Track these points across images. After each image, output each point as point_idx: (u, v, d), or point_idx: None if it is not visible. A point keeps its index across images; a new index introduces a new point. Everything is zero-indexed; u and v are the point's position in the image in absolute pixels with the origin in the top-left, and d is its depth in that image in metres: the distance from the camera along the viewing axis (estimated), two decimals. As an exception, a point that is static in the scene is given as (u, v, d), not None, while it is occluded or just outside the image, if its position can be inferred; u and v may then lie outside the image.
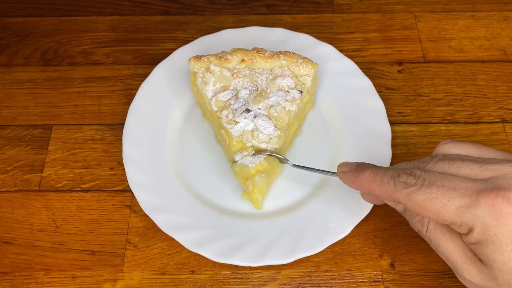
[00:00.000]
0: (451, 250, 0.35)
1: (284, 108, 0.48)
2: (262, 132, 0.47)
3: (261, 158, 0.46)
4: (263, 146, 0.47)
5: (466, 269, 0.34)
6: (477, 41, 0.61)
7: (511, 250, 0.31)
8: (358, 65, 0.55)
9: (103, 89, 0.57)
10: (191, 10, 0.64)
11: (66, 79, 0.58)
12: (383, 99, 0.53)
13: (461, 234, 0.34)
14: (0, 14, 0.64)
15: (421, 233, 0.37)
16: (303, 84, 0.50)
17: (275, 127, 0.47)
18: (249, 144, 0.47)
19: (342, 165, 0.41)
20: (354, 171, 0.39)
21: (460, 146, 0.37)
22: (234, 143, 0.47)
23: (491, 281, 0.33)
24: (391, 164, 0.49)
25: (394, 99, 0.56)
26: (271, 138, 0.47)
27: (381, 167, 0.38)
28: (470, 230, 0.32)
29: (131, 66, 0.59)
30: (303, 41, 0.57)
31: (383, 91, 0.57)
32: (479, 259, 0.34)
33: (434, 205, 0.33)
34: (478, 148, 0.37)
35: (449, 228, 0.35)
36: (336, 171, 0.42)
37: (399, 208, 0.39)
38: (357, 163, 0.40)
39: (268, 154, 0.47)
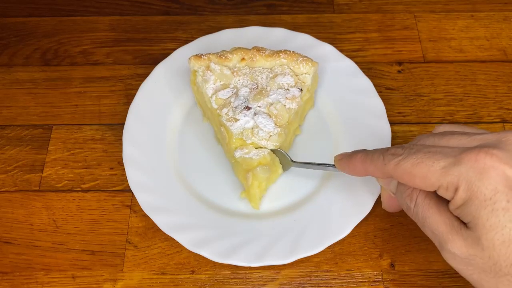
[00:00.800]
0: (437, 222, 0.35)
1: (284, 105, 0.48)
2: (262, 130, 0.47)
3: (264, 152, 0.46)
4: (263, 143, 0.47)
5: (451, 240, 0.34)
6: (477, 41, 0.61)
7: (494, 203, 0.31)
8: (358, 65, 0.55)
9: (103, 89, 0.57)
10: (191, 10, 0.64)
11: (66, 79, 0.58)
12: (383, 99, 0.53)
13: (449, 201, 0.34)
14: (0, 14, 0.64)
15: (409, 209, 0.37)
16: (303, 82, 0.50)
17: (275, 124, 0.47)
18: (249, 141, 0.47)
19: (338, 155, 0.43)
20: (347, 156, 0.41)
21: (454, 126, 0.39)
22: (234, 140, 0.47)
23: (475, 246, 0.33)
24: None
25: (394, 99, 0.56)
26: (271, 135, 0.47)
27: (373, 149, 0.40)
28: (456, 190, 0.33)
29: (131, 66, 0.59)
30: (303, 41, 0.57)
31: (383, 91, 0.57)
32: (465, 226, 0.34)
33: (420, 169, 0.33)
34: (472, 128, 0.38)
35: (436, 200, 0.36)
36: (333, 165, 0.44)
37: (391, 187, 0.40)
38: (352, 151, 0.42)
39: (272, 150, 0.47)
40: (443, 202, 0.35)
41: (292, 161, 0.48)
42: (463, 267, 0.34)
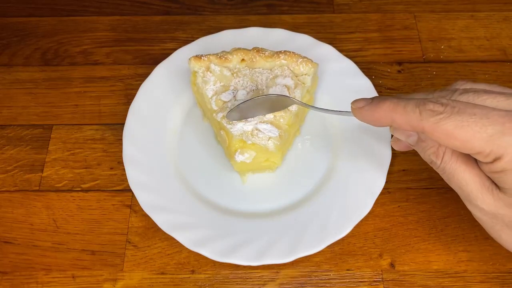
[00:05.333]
0: (466, 180, 0.34)
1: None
2: (261, 131, 0.47)
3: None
4: (263, 143, 0.46)
5: (480, 198, 0.34)
6: (477, 41, 0.61)
7: None
8: (358, 65, 0.55)
9: (103, 89, 0.57)
10: (191, 10, 0.64)
11: (66, 79, 0.58)
12: (383, 99, 0.53)
13: (482, 163, 0.33)
14: (1, 14, 0.64)
15: (434, 164, 0.36)
16: (303, 83, 0.50)
17: (275, 127, 0.47)
18: (249, 142, 0.47)
19: (356, 101, 0.38)
20: (371, 104, 0.37)
21: (476, 84, 0.37)
22: (234, 141, 0.47)
23: (506, 208, 0.33)
24: (391, 164, 0.49)
25: (394, 99, 0.56)
26: (270, 137, 0.47)
27: (399, 97, 0.36)
28: (497, 159, 0.32)
29: (131, 66, 0.59)
30: (303, 42, 0.57)
31: (383, 91, 0.57)
32: (496, 187, 0.33)
33: (464, 133, 0.32)
34: (496, 87, 0.36)
35: (465, 157, 0.35)
36: (350, 112, 0.39)
37: (411, 140, 0.38)
38: (372, 98, 0.38)
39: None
40: (472, 159, 0.34)
41: (300, 102, 0.46)
42: (487, 219, 0.35)
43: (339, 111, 0.42)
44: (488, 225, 0.35)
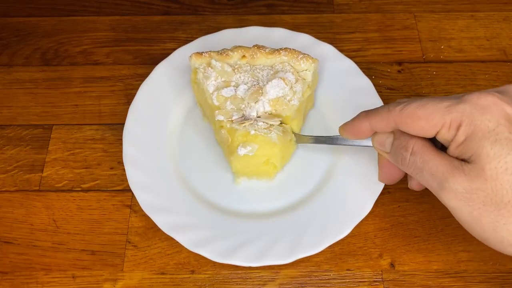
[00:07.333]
0: (436, 164, 0.36)
1: (285, 98, 0.48)
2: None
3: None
4: (265, 131, 0.47)
5: (452, 176, 0.35)
6: (477, 41, 0.61)
7: (497, 134, 0.33)
8: (358, 65, 0.55)
9: (103, 89, 0.58)
10: (191, 10, 0.64)
11: (66, 79, 0.58)
12: (383, 99, 0.53)
13: (450, 144, 0.36)
14: (0, 14, 0.64)
15: (404, 160, 0.39)
16: (304, 79, 0.50)
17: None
18: (252, 132, 0.46)
19: (341, 124, 0.45)
20: (351, 120, 0.43)
21: None
22: (237, 135, 0.46)
23: (477, 179, 0.34)
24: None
25: (394, 99, 0.56)
26: (271, 124, 0.47)
27: None
28: (459, 127, 0.34)
29: (131, 66, 0.59)
30: (303, 41, 0.57)
31: (383, 91, 0.57)
32: (465, 163, 0.35)
33: (425, 110, 0.36)
34: None
35: (433, 146, 0.38)
36: (337, 139, 0.47)
37: (387, 145, 0.41)
38: None
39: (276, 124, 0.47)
40: (439, 150, 0.37)
41: (295, 134, 0.49)
42: (464, 204, 0.35)
43: (329, 137, 0.48)
44: (466, 213, 0.35)
